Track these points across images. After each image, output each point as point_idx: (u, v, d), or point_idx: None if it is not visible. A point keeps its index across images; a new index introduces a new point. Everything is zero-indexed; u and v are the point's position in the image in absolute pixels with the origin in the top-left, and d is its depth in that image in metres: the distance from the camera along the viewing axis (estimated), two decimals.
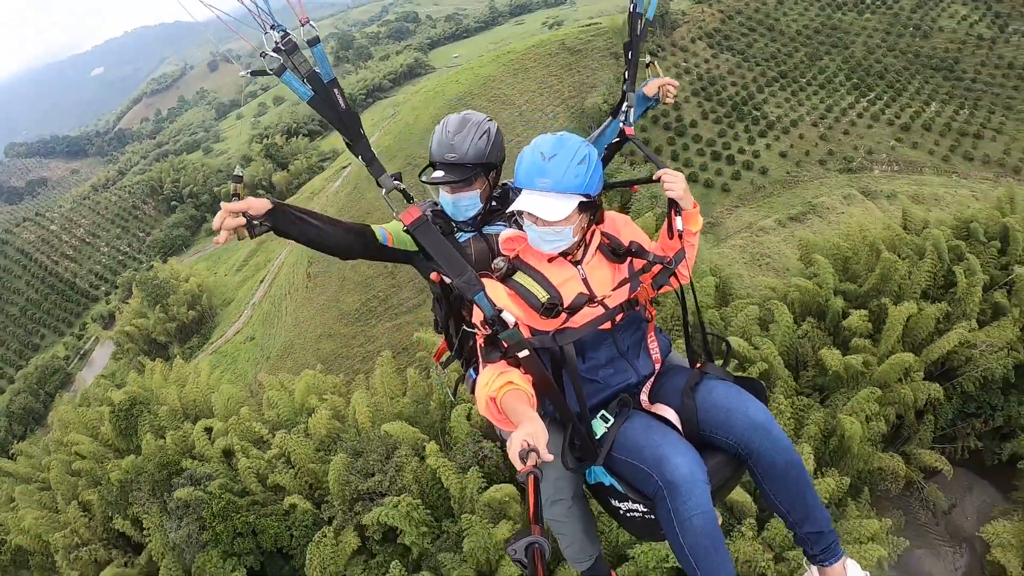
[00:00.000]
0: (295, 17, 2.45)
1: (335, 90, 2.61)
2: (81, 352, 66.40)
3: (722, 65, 65.41)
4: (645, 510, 2.93)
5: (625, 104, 3.61)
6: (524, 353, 2.78)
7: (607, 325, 3.10)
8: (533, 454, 2.24)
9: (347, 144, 2.76)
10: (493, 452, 18.48)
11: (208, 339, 54.49)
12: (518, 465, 2.23)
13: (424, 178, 3.32)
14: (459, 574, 16.11)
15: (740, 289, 31.42)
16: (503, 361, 2.80)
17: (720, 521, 3.12)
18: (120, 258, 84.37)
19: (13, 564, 24.00)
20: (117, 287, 75.79)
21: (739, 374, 3.25)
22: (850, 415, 20.67)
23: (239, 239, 2.58)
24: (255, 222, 2.59)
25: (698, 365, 3.29)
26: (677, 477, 2.69)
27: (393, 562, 16.96)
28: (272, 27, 2.43)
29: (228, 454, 23.13)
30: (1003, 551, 20.04)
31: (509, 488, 17.16)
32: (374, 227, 3.21)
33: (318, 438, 22.02)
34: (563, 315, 2.99)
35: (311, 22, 2.44)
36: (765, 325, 24.73)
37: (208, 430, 24.52)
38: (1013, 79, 62.58)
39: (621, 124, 3.63)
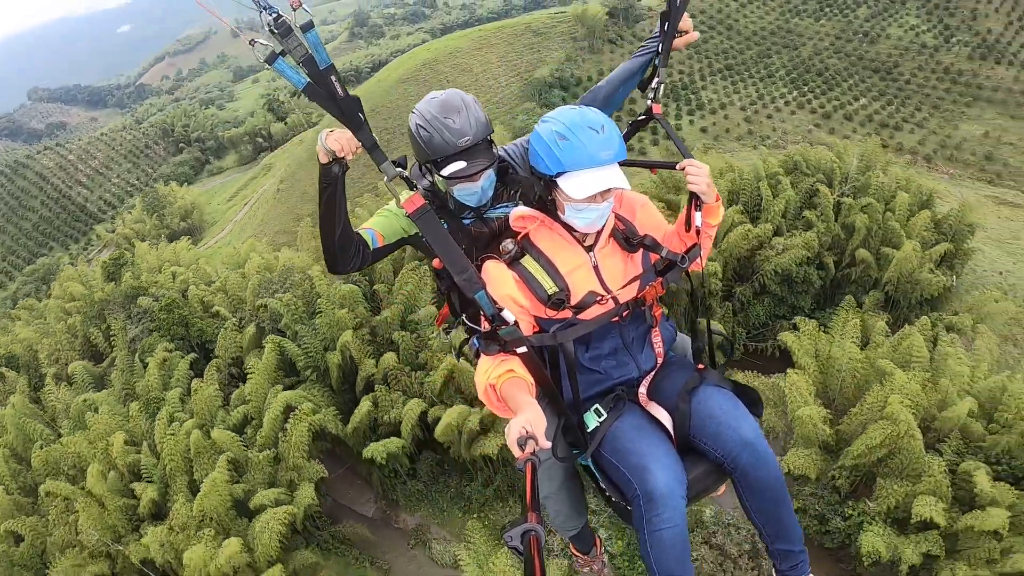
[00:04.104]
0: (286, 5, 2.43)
1: (332, 77, 2.59)
2: (87, 259, 72.58)
3: (674, 56, 70.56)
4: (625, 503, 3.00)
5: (656, 80, 3.47)
6: (522, 349, 2.86)
7: (615, 318, 3.12)
8: (531, 441, 2.31)
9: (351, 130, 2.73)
10: (360, 280, 25.38)
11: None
12: (516, 452, 2.31)
13: (445, 173, 3.07)
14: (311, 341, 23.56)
15: None
16: (502, 353, 2.87)
17: (723, 491, 3.48)
18: (128, 189, 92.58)
19: (6, 365, 30.05)
20: (121, 216, 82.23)
21: (738, 380, 3.27)
22: None
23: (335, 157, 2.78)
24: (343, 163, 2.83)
25: (699, 367, 3.31)
26: (655, 490, 2.77)
27: (270, 335, 24.08)
28: (264, 9, 2.40)
29: (186, 292, 29.85)
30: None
31: (355, 289, 24.04)
32: (360, 231, 3.17)
33: (249, 277, 29.13)
34: (568, 310, 3.01)
35: (304, 6, 2.42)
36: None
37: (174, 274, 31.71)
38: (947, 82, 66.73)
39: (649, 102, 3.46)
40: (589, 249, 3.08)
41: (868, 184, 30.23)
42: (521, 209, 3.08)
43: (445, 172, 3.05)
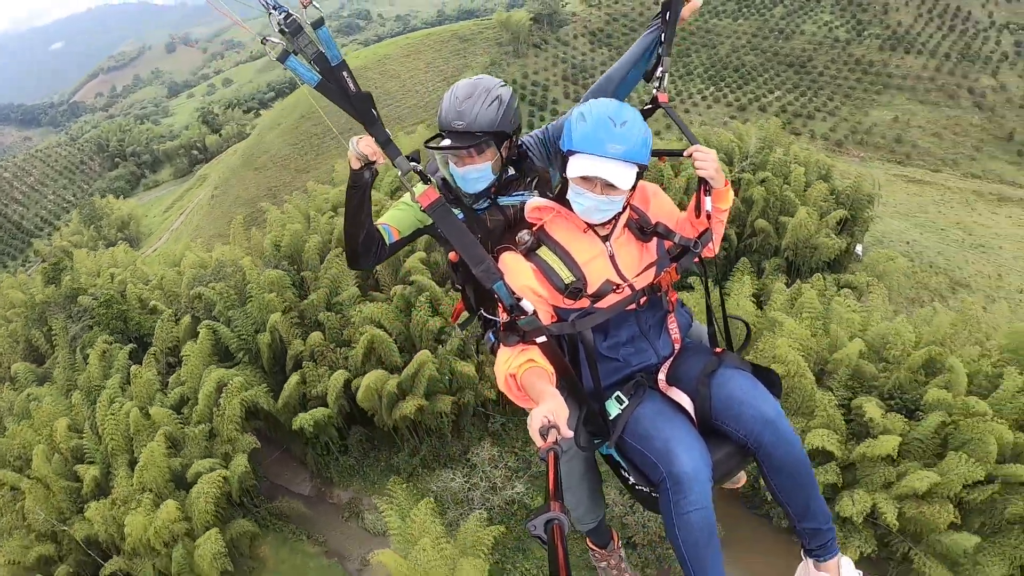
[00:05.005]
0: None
1: (344, 73, 2.62)
2: (27, 275, 72.63)
3: (597, 58, 74.30)
4: (650, 490, 3.00)
5: (660, 69, 3.47)
6: (542, 338, 2.83)
7: (631, 305, 3.10)
8: (553, 431, 2.27)
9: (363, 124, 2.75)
10: (289, 268, 27.11)
11: None
12: (538, 441, 2.26)
13: (431, 145, 3.22)
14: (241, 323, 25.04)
15: None
16: (521, 343, 2.84)
17: (744, 482, 3.54)
18: (65, 205, 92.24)
19: None
20: (58, 229, 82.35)
21: (756, 363, 3.30)
22: None
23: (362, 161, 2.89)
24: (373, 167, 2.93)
25: (717, 351, 3.31)
26: (681, 472, 2.76)
27: (205, 320, 25.57)
28: (274, 8, 2.46)
29: (124, 291, 30.41)
30: None
31: (282, 275, 25.72)
32: (377, 225, 3.23)
33: (184, 273, 30.13)
34: (586, 299, 3.01)
35: (315, 3, 2.46)
36: None
37: (112, 275, 32.41)
38: (858, 72, 70.92)
39: (655, 91, 3.47)
40: (605, 239, 3.08)
41: (766, 161, 32.48)
42: (537, 200, 3.10)
43: (432, 143, 3.21)
